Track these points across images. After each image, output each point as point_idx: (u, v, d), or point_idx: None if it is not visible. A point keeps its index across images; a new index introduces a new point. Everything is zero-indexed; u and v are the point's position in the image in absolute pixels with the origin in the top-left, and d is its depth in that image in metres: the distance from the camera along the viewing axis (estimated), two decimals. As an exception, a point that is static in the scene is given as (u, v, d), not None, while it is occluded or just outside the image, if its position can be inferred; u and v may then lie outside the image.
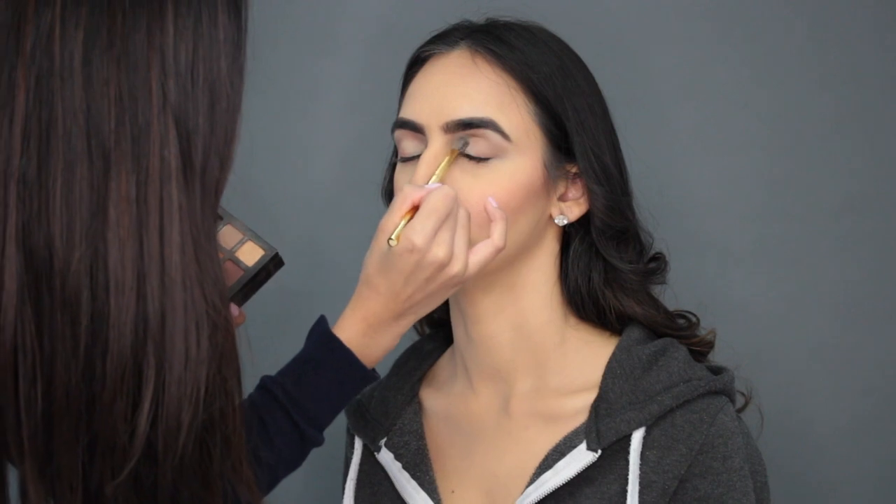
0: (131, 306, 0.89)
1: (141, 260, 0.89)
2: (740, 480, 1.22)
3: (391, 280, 1.16)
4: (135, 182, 0.89)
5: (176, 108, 0.90)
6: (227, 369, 0.94)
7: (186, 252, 0.90)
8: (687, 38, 1.56)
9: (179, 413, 0.90)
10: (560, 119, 1.26)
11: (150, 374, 0.90)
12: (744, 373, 1.33)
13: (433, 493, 1.30)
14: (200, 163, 0.92)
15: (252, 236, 1.24)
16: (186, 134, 0.91)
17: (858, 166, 1.53)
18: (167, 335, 0.90)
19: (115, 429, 0.90)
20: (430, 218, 1.15)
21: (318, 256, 1.63)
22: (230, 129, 0.94)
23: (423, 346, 1.41)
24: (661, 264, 1.34)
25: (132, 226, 0.89)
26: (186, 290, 0.90)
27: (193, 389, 0.91)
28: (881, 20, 1.52)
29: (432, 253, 1.15)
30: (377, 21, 1.61)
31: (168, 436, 0.90)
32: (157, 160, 0.89)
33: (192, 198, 0.91)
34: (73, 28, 0.89)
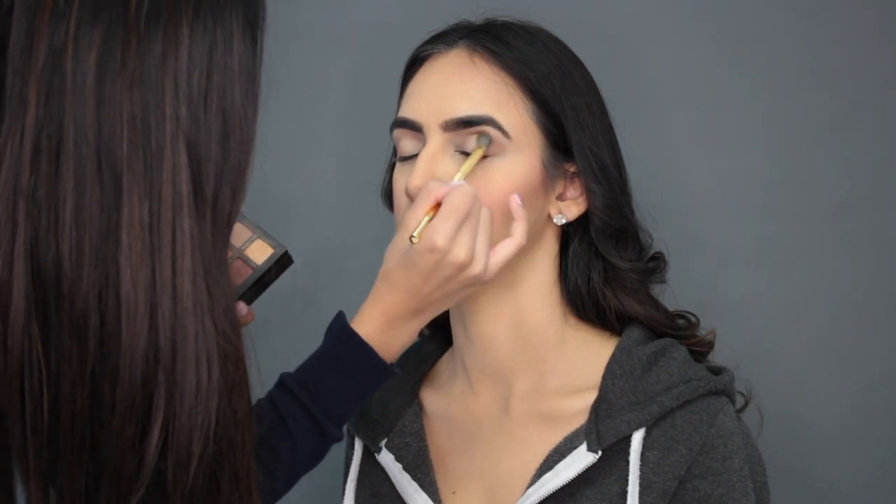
0: (143, 333, 0.88)
1: (153, 287, 0.88)
2: (740, 481, 1.22)
3: (411, 277, 1.16)
4: (147, 208, 0.88)
5: (188, 134, 0.89)
6: (238, 400, 0.93)
7: (198, 281, 0.89)
8: (686, 38, 1.56)
9: (190, 443, 0.89)
10: (558, 118, 1.26)
11: (161, 404, 0.89)
12: (743, 373, 1.33)
13: (434, 495, 1.30)
14: (212, 192, 0.90)
15: (261, 234, 1.24)
16: (198, 161, 0.90)
17: (858, 166, 1.53)
18: (178, 364, 0.89)
19: (123, 456, 0.89)
20: (450, 217, 1.15)
21: (318, 256, 1.63)
22: (243, 160, 0.93)
23: (422, 347, 1.41)
24: (661, 263, 1.34)
25: (145, 252, 0.88)
26: (198, 320, 0.89)
27: (204, 420, 0.90)
28: (881, 20, 1.52)
29: (453, 254, 1.15)
30: (377, 21, 1.61)
31: (178, 466, 0.90)
32: (169, 187, 0.88)
33: (203, 226, 0.90)
34: (87, 48, 0.88)
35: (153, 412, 0.89)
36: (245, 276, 1.22)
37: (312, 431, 1.15)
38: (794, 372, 1.54)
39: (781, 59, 1.54)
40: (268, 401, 1.16)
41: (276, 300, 1.59)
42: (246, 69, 0.93)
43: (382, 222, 1.43)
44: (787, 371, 1.53)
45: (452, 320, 1.33)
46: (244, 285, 1.21)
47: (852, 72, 1.52)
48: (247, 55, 0.93)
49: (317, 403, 1.15)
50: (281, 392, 1.16)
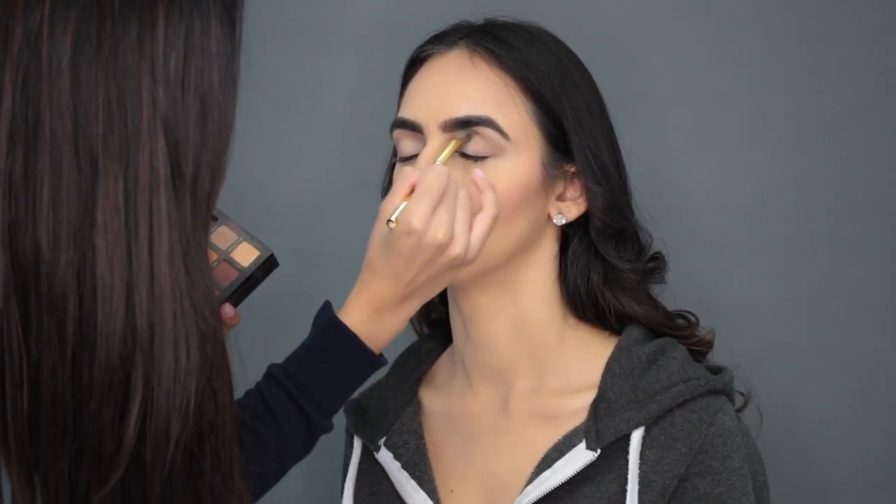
0: (120, 314, 0.88)
1: (129, 268, 0.88)
2: (739, 480, 1.22)
3: (393, 263, 1.16)
4: (123, 189, 0.88)
5: (165, 116, 0.89)
6: (217, 381, 0.93)
7: (176, 262, 0.90)
8: (686, 38, 1.56)
9: (168, 424, 0.90)
10: (558, 118, 1.26)
11: (139, 384, 0.89)
12: (743, 372, 1.33)
13: (432, 493, 1.30)
14: (191, 174, 0.91)
15: (247, 237, 1.24)
16: (175, 143, 0.90)
17: (858, 166, 1.53)
18: (156, 345, 0.89)
19: (102, 438, 0.89)
20: (424, 198, 1.14)
21: (318, 257, 1.63)
22: (222, 142, 0.93)
23: (421, 345, 1.41)
24: (661, 264, 1.34)
25: (120, 233, 0.88)
26: (176, 300, 0.90)
27: (182, 401, 0.90)
28: (880, 20, 1.52)
29: (430, 234, 1.14)
30: (376, 21, 1.62)
31: (156, 447, 0.90)
32: (146, 168, 0.89)
33: (181, 208, 0.91)
34: (62, 31, 0.88)
35: (131, 393, 0.89)
36: (231, 279, 1.22)
37: (300, 422, 1.15)
38: (793, 371, 1.54)
39: (781, 59, 1.54)
40: (256, 391, 1.16)
41: (275, 300, 1.59)
42: (224, 52, 0.93)
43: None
44: (787, 371, 1.53)
45: (452, 319, 1.33)
46: (230, 288, 1.21)
47: (852, 72, 1.52)
48: (224, 38, 0.93)
49: (304, 394, 1.15)
50: (268, 382, 1.16)
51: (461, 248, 1.15)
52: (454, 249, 1.15)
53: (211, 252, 1.24)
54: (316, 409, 1.15)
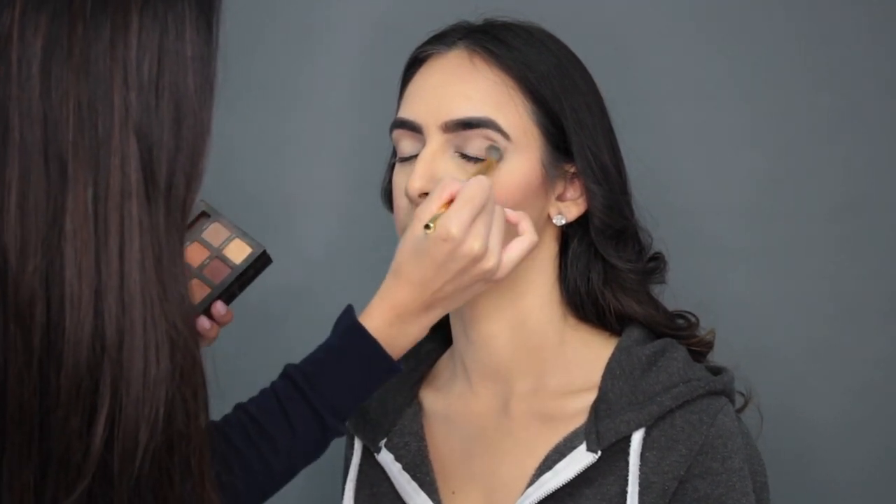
0: (88, 322, 0.87)
1: (98, 275, 0.87)
2: (740, 481, 1.22)
3: (423, 268, 1.15)
4: (92, 196, 0.87)
5: (138, 122, 0.88)
6: (188, 390, 0.91)
7: (147, 269, 0.89)
8: (686, 38, 1.56)
9: (136, 433, 0.89)
10: (558, 118, 1.26)
11: (106, 392, 0.88)
12: (743, 372, 1.33)
13: (433, 495, 1.30)
14: (165, 180, 0.90)
15: (239, 234, 1.24)
16: (149, 149, 0.89)
17: (857, 166, 1.53)
18: (125, 353, 0.88)
19: (69, 446, 0.88)
20: (465, 207, 1.14)
21: (317, 257, 1.63)
22: (197, 147, 0.92)
23: (421, 346, 1.40)
24: (661, 264, 1.33)
25: (90, 240, 0.87)
26: (146, 308, 0.89)
27: (151, 409, 0.89)
28: (879, 20, 1.52)
29: (468, 244, 1.14)
30: (376, 22, 1.61)
31: (124, 456, 0.89)
32: (117, 174, 0.88)
33: (154, 215, 0.89)
34: (32, 34, 0.87)
35: (99, 401, 0.88)
36: (223, 276, 1.22)
37: (313, 424, 1.14)
38: (793, 371, 1.54)
39: (781, 59, 1.54)
40: (270, 390, 1.15)
41: (273, 299, 1.59)
42: (199, 56, 0.92)
43: (382, 223, 1.43)
44: (787, 371, 1.53)
45: (452, 320, 1.33)
46: (222, 285, 1.21)
47: (852, 72, 1.52)
48: (200, 42, 0.92)
49: (320, 396, 1.14)
50: (284, 382, 1.15)
51: (493, 263, 1.15)
52: (487, 263, 1.15)
53: (203, 249, 1.24)
54: (330, 412, 1.14)
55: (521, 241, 1.19)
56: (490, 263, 1.15)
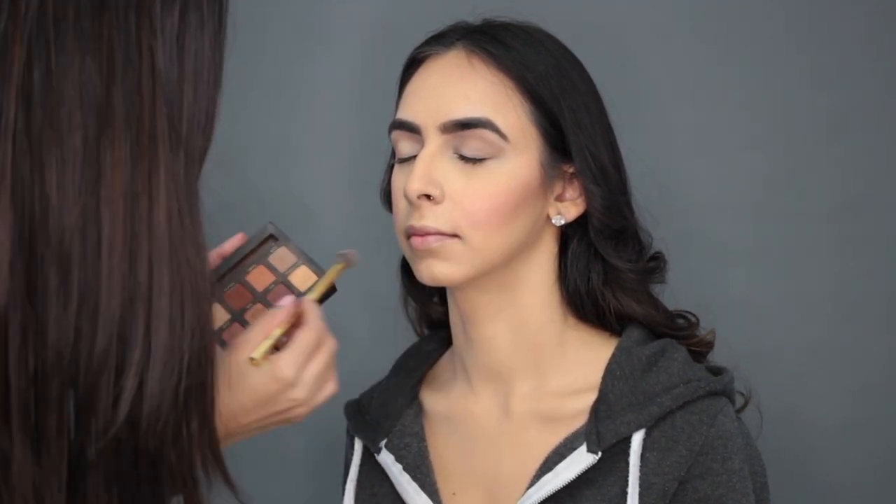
0: (123, 267, 0.89)
1: (132, 221, 0.90)
2: (740, 481, 1.22)
3: (240, 400, 1.08)
4: (129, 142, 0.90)
5: (163, 73, 0.91)
6: (208, 339, 0.94)
7: (172, 216, 0.91)
8: (686, 38, 1.56)
9: (162, 379, 0.90)
10: (556, 119, 1.26)
11: (138, 338, 0.90)
12: (743, 372, 1.33)
13: (434, 495, 1.30)
14: (185, 131, 0.92)
15: (306, 260, 1.23)
16: (171, 101, 0.92)
17: (857, 166, 1.53)
18: (154, 300, 0.90)
19: (99, 392, 0.90)
20: (303, 349, 1.09)
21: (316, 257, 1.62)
22: (212, 103, 0.95)
23: (422, 346, 1.41)
24: (661, 263, 1.33)
25: (124, 186, 0.90)
26: (172, 254, 0.91)
27: (178, 356, 0.91)
28: (879, 20, 1.52)
29: (297, 391, 1.09)
30: (374, 22, 1.61)
31: (151, 403, 0.90)
32: (146, 122, 0.90)
33: (177, 164, 0.92)
34: None
35: (130, 347, 0.90)
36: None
37: None
38: (793, 372, 1.54)
39: (781, 59, 1.54)
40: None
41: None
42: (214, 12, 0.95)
43: (382, 222, 1.43)
44: (787, 371, 1.53)
45: (452, 321, 1.33)
46: None
47: (852, 72, 1.52)
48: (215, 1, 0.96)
49: None
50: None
51: (305, 411, 1.11)
52: (301, 410, 1.10)
53: (269, 273, 1.24)
54: None
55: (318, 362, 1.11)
56: (303, 410, 1.10)
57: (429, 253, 1.23)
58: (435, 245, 1.23)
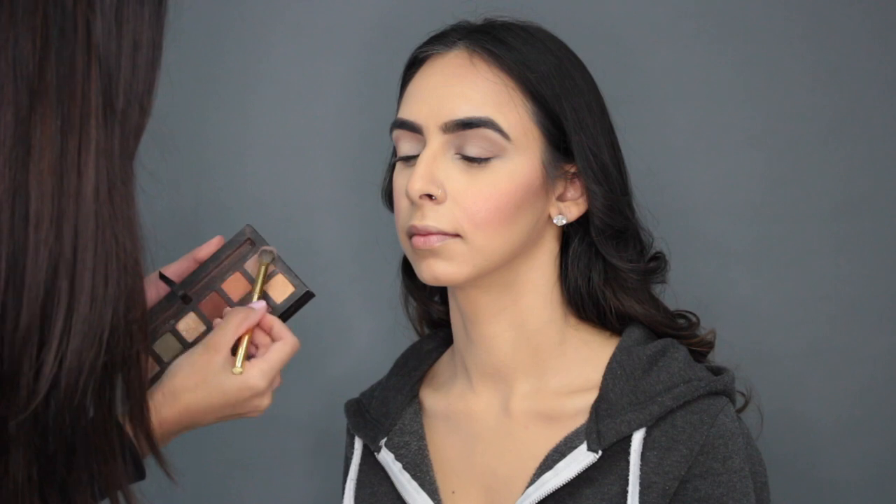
0: (49, 241, 0.89)
1: (60, 196, 0.89)
2: (740, 481, 1.22)
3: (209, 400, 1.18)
4: (59, 116, 0.89)
5: (100, 47, 0.91)
6: (134, 313, 0.94)
7: (101, 191, 0.91)
8: (686, 38, 1.56)
9: (81, 353, 0.90)
10: (558, 118, 1.26)
11: (61, 312, 0.90)
12: (743, 372, 1.33)
13: (434, 494, 1.30)
14: (121, 106, 0.92)
15: (283, 269, 1.23)
16: (108, 74, 0.91)
17: (857, 166, 1.53)
18: (77, 273, 0.90)
19: (21, 366, 0.90)
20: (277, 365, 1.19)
21: (317, 257, 1.63)
22: (150, 78, 0.94)
23: (422, 346, 1.41)
24: (662, 263, 1.33)
25: (53, 161, 0.89)
26: (98, 229, 0.91)
27: (98, 330, 0.91)
28: (880, 21, 1.52)
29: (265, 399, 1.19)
30: (375, 21, 1.61)
31: (69, 376, 0.90)
32: (79, 96, 0.90)
33: (111, 140, 0.92)
34: None
35: (53, 322, 0.90)
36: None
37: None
38: (793, 371, 1.54)
39: (781, 59, 1.54)
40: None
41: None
42: None
43: (382, 222, 1.43)
44: (787, 371, 1.53)
45: (452, 320, 1.33)
46: None
47: (852, 72, 1.52)
48: None
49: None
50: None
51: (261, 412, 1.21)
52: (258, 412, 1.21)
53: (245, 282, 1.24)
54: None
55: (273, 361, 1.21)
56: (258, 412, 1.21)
57: (430, 253, 1.23)
58: (437, 245, 1.23)
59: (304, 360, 1.55)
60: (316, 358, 1.60)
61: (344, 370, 1.62)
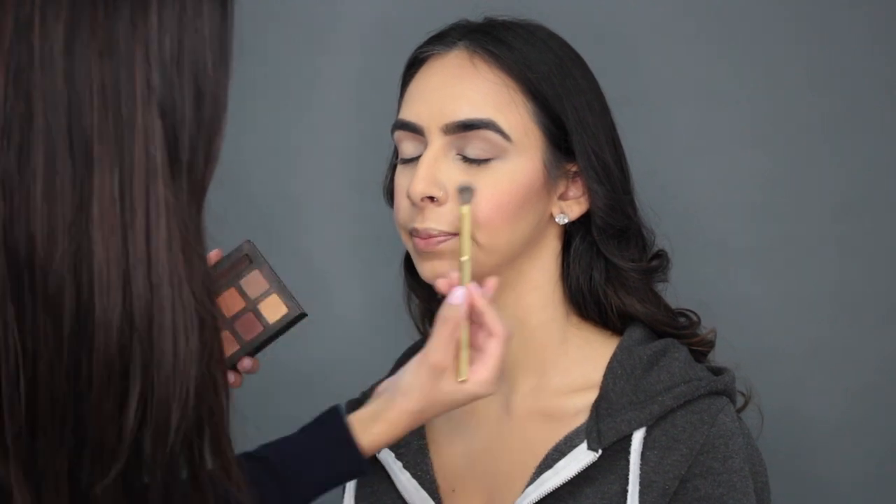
0: (117, 304, 0.87)
1: (126, 257, 0.87)
2: (741, 481, 1.22)
3: (434, 406, 1.18)
4: (118, 178, 0.87)
5: (161, 101, 0.88)
6: (216, 367, 0.92)
7: (173, 249, 0.89)
8: (687, 38, 1.56)
9: (168, 413, 0.89)
10: (559, 118, 1.25)
11: (137, 374, 0.88)
12: (744, 372, 1.33)
13: (433, 493, 1.30)
14: (187, 158, 0.90)
15: (278, 288, 1.21)
16: (172, 127, 0.89)
17: (858, 166, 1.53)
18: (155, 333, 0.88)
19: (103, 430, 0.88)
20: (498, 360, 1.17)
21: (317, 257, 1.63)
22: (216, 124, 0.92)
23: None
24: (664, 262, 1.33)
25: (116, 223, 0.87)
26: (174, 288, 0.89)
27: (182, 388, 0.89)
28: (879, 21, 1.52)
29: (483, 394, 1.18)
30: (376, 21, 1.61)
31: (156, 436, 0.89)
32: (142, 155, 0.87)
33: (178, 194, 0.89)
34: (54, 19, 0.86)
35: (130, 383, 0.88)
36: (255, 334, 1.20)
37: None
38: (794, 371, 1.54)
39: (781, 59, 1.54)
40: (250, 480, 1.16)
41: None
42: (216, 32, 0.92)
43: (382, 222, 1.43)
44: (788, 370, 1.53)
45: (454, 319, 1.33)
46: (252, 343, 1.20)
47: (852, 72, 1.52)
48: (217, 19, 0.92)
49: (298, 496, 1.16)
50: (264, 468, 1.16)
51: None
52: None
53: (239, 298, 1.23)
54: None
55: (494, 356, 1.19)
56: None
57: (433, 254, 1.23)
58: (439, 247, 1.23)
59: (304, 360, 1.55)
60: (316, 357, 1.60)
61: (344, 369, 1.61)
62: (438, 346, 1.16)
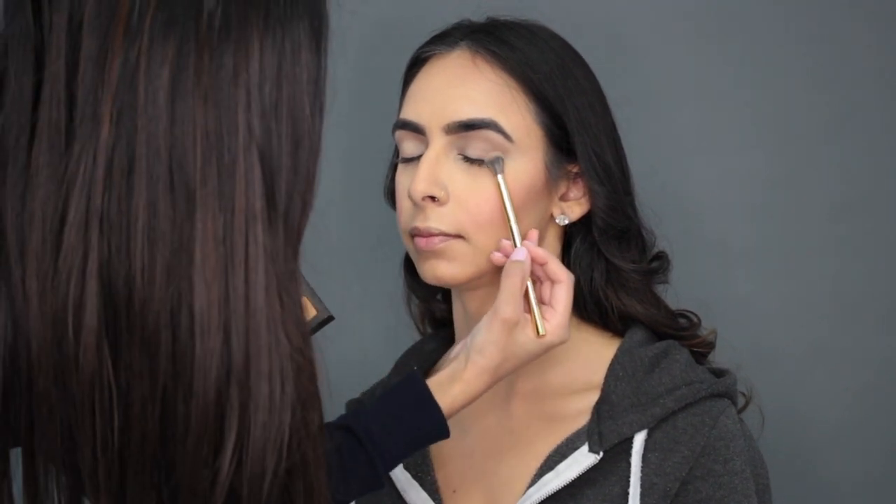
0: (217, 349, 0.87)
1: (227, 302, 0.87)
2: (742, 483, 1.22)
3: (512, 360, 1.21)
4: (222, 222, 0.87)
5: (261, 147, 0.88)
6: (311, 413, 0.92)
7: (271, 294, 0.88)
8: (688, 38, 1.56)
9: (263, 458, 0.88)
10: (561, 118, 1.25)
11: (234, 420, 0.88)
12: (744, 372, 1.33)
13: (434, 494, 1.30)
14: (284, 204, 0.90)
15: (308, 292, 1.22)
16: (271, 173, 0.89)
17: (858, 166, 1.53)
18: (252, 379, 0.88)
19: (197, 474, 0.88)
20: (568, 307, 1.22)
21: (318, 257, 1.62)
22: (311, 170, 0.93)
23: (424, 346, 1.40)
24: (664, 263, 1.33)
25: (218, 267, 0.87)
26: (271, 333, 0.88)
27: (278, 434, 0.89)
28: (879, 21, 1.52)
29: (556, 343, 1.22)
30: (376, 21, 1.61)
31: (252, 482, 0.88)
32: (242, 200, 0.87)
33: (276, 239, 0.89)
34: (159, 64, 0.86)
35: (226, 429, 0.88)
36: None
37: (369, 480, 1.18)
38: (794, 372, 1.54)
39: (781, 59, 1.54)
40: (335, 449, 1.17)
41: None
42: (313, 79, 0.92)
43: (383, 222, 1.43)
44: (788, 371, 1.53)
45: (455, 319, 1.33)
46: None
47: (852, 72, 1.52)
48: (313, 64, 0.92)
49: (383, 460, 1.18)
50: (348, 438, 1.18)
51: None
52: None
53: None
54: (385, 469, 1.19)
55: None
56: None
57: (433, 254, 1.23)
58: (439, 246, 1.23)
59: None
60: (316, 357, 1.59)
61: (345, 369, 1.61)
62: (508, 300, 1.20)
